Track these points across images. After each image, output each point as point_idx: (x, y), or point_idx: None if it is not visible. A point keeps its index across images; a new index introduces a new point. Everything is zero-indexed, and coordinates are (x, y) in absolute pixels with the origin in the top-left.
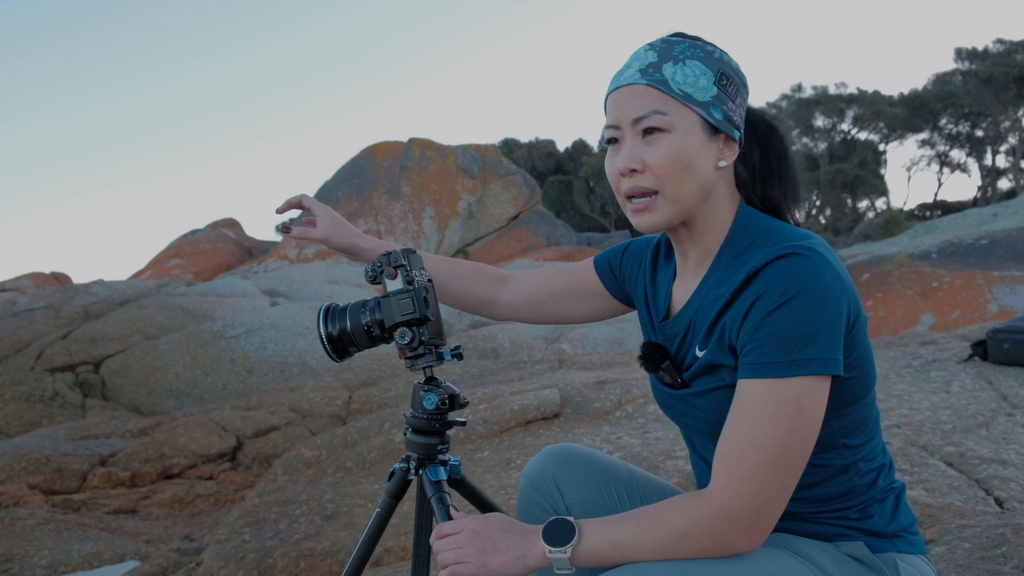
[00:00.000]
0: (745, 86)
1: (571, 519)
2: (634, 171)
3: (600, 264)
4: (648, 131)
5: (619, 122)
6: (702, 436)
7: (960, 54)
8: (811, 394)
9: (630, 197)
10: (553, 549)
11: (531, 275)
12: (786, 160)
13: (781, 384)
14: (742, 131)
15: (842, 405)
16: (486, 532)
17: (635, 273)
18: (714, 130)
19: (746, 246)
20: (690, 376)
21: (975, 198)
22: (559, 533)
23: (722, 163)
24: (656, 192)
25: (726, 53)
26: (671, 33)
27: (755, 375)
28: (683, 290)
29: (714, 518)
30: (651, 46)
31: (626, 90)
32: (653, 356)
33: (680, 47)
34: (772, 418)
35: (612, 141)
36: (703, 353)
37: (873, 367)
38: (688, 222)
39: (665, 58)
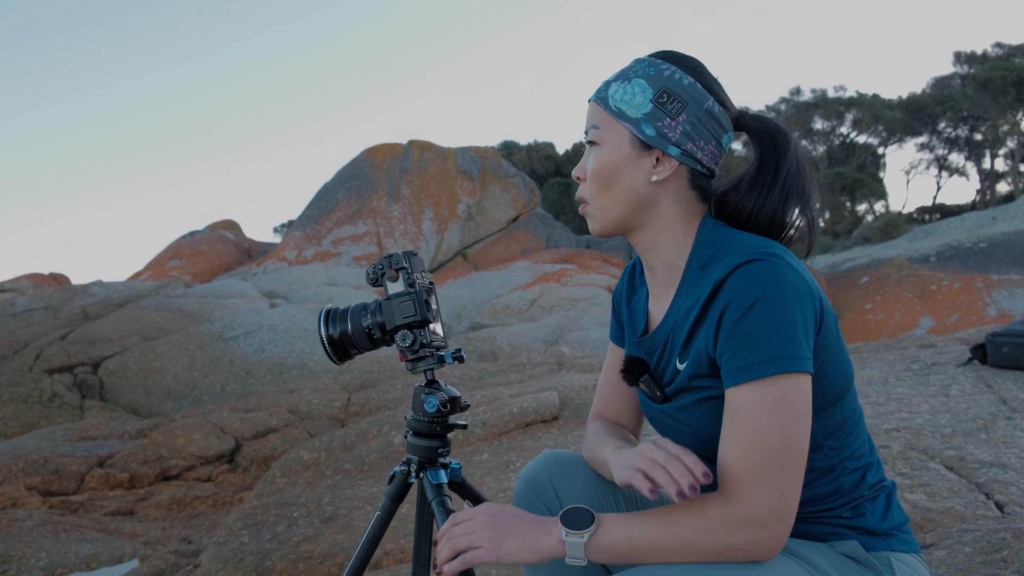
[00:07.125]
0: (698, 103)
1: (590, 509)
2: (579, 178)
3: (613, 335)
4: (590, 144)
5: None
6: (692, 450)
7: (959, 58)
8: (797, 389)
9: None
10: (571, 532)
11: (610, 402)
12: (780, 169)
13: (767, 384)
14: (689, 147)
15: (821, 407)
16: (500, 517)
17: (621, 303)
18: (646, 146)
19: (710, 257)
20: (673, 390)
21: (974, 202)
22: (578, 519)
23: (654, 177)
24: (587, 201)
25: (679, 72)
26: (657, 51)
27: (739, 380)
28: (658, 306)
29: (731, 520)
30: (625, 66)
31: (588, 106)
32: (633, 369)
33: (640, 66)
34: (767, 419)
35: None
36: (684, 366)
37: (848, 366)
38: (634, 233)
39: (619, 77)
